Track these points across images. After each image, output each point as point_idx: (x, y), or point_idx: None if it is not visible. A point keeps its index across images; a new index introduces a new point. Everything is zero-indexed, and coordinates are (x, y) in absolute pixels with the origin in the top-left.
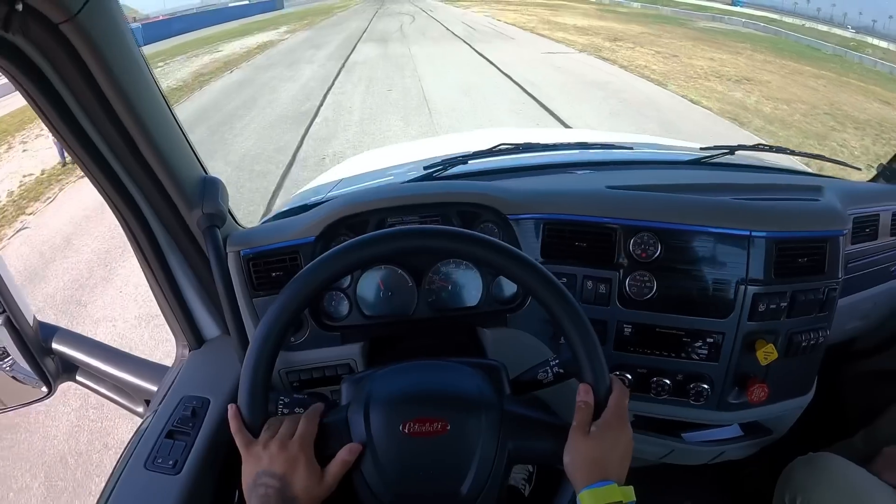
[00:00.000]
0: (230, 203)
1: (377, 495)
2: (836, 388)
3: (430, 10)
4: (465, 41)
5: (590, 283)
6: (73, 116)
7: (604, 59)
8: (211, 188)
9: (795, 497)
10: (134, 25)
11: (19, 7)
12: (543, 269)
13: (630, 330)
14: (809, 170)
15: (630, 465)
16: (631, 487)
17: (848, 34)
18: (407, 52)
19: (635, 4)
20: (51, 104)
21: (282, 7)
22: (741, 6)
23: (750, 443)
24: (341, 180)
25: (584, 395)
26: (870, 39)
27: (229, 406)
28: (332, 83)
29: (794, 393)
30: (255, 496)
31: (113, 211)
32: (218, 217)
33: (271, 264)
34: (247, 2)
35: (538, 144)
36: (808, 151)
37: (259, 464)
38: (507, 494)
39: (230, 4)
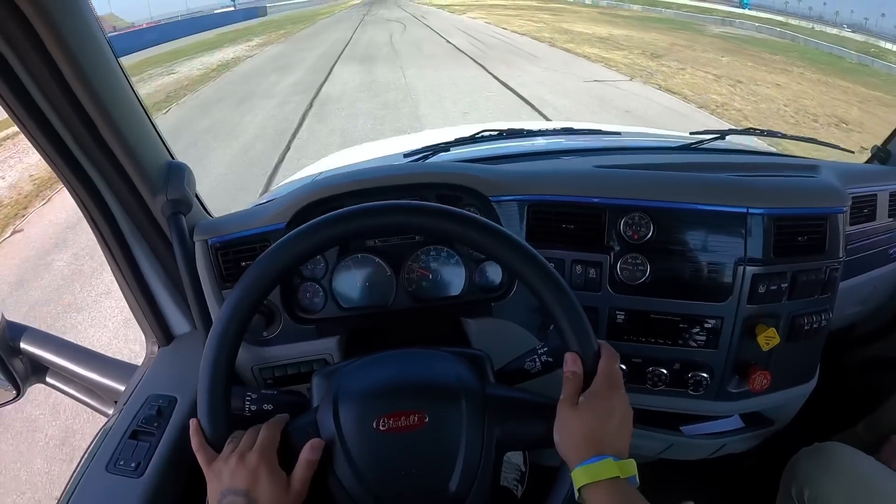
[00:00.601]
0: (198, 190)
1: (355, 499)
2: (836, 376)
3: (423, 17)
4: (476, 61)
5: (579, 268)
6: (28, 95)
7: (668, 91)
8: (176, 173)
9: (803, 489)
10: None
11: None
12: (521, 241)
13: (623, 317)
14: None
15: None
16: (632, 461)
17: (858, 37)
18: (401, 81)
19: (635, 7)
20: (5, 81)
21: (265, 14)
22: (748, 8)
23: (751, 434)
24: (321, 173)
25: (571, 364)
26: (882, 43)
27: (191, 421)
28: (288, 146)
29: (797, 380)
30: None
31: (73, 197)
32: (183, 203)
33: (241, 253)
34: (232, 8)
35: (522, 130)
36: (801, 135)
37: (221, 482)
38: (499, 496)
39: (216, 11)
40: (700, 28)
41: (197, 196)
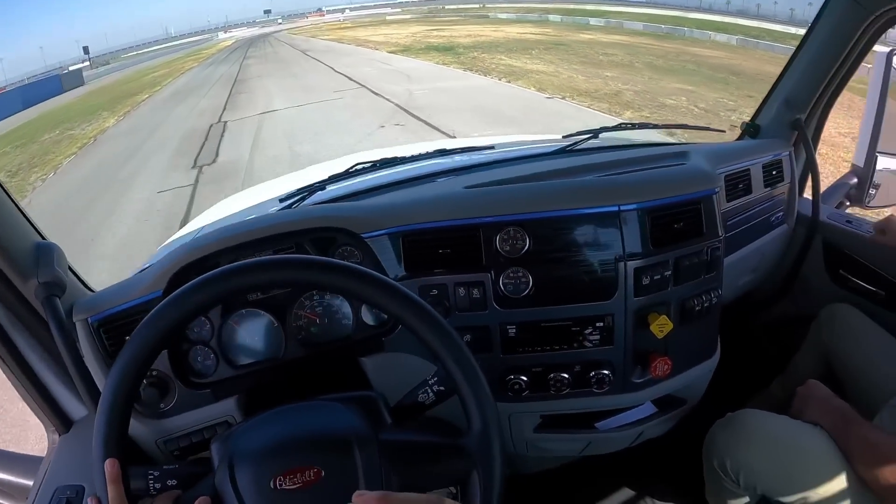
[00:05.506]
0: (78, 267)
1: None
2: (743, 344)
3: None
4: None
5: (462, 290)
6: None
7: None
8: (46, 255)
9: (724, 461)
10: None
11: None
12: (402, 288)
13: (514, 330)
14: (680, 142)
15: (550, 466)
16: None
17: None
18: None
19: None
20: None
21: (80, 83)
22: None
23: (667, 417)
24: (202, 228)
25: None
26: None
27: (89, 499)
28: None
29: (699, 358)
30: None
31: None
32: (56, 286)
33: (123, 327)
34: (88, 63)
35: (395, 158)
36: (672, 122)
37: None
38: None
39: (70, 67)
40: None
41: (74, 272)
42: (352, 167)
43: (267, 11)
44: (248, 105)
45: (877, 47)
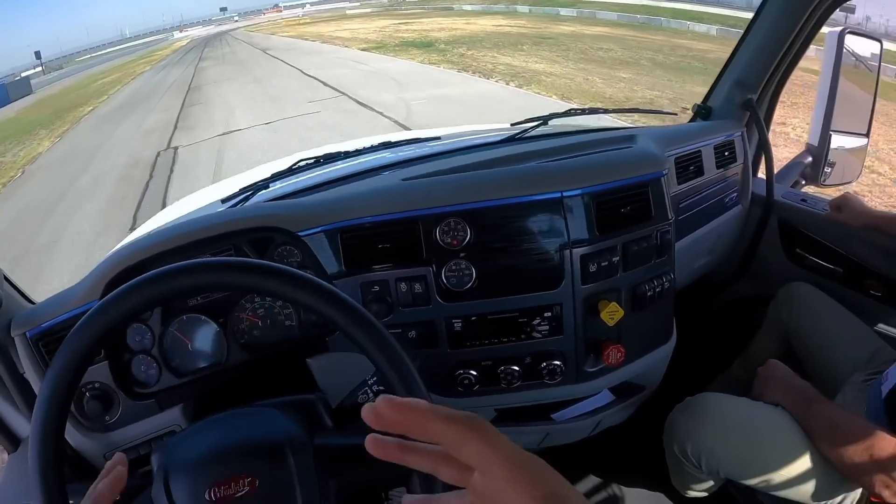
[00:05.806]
0: (21, 281)
1: None
2: (703, 326)
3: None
4: None
5: (404, 285)
6: None
7: None
8: None
9: (684, 445)
10: None
11: None
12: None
13: (460, 324)
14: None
15: None
16: None
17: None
18: None
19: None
20: None
21: (27, 91)
22: None
23: (625, 404)
24: (149, 234)
25: None
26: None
27: None
28: None
29: (654, 344)
30: None
31: None
32: None
33: (61, 340)
34: (41, 68)
35: (339, 153)
36: (623, 107)
37: None
38: None
39: (22, 74)
40: None
41: (12, 284)
42: (295, 164)
43: (223, 9)
44: (203, 122)
45: (829, 27)
